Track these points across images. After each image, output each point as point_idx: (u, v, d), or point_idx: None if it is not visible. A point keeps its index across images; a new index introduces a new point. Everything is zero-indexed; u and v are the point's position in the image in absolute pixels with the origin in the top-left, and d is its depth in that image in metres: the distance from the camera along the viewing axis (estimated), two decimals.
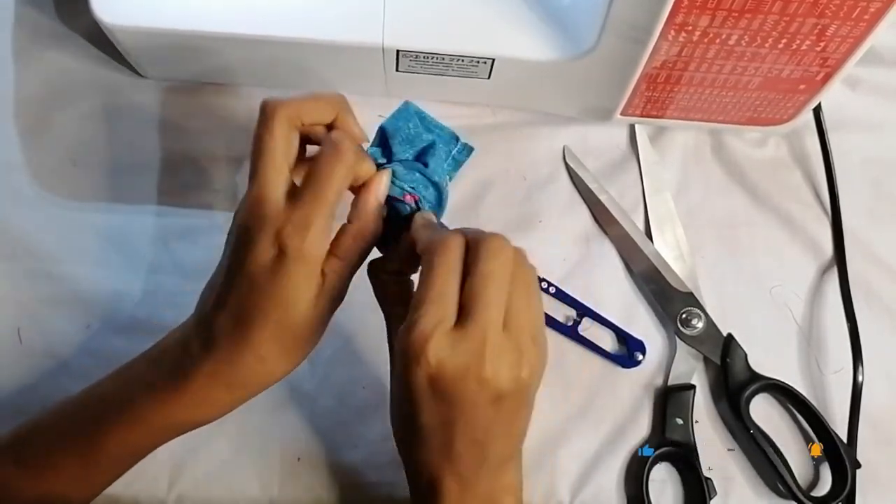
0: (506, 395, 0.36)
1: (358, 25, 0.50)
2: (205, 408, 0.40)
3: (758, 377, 0.51)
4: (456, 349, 0.34)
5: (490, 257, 0.36)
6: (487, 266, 0.35)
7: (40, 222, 0.54)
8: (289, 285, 0.37)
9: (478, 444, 0.37)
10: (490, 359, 0.35)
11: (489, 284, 0.35)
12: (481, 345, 0.35)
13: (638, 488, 0.49)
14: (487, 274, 0.35)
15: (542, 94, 0.56)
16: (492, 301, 0.35)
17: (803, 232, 0.56)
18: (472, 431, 0.37)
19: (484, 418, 0.36)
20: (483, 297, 0.35)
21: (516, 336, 0.36)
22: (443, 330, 0.35)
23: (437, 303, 0.35)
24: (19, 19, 0.58)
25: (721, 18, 0.44)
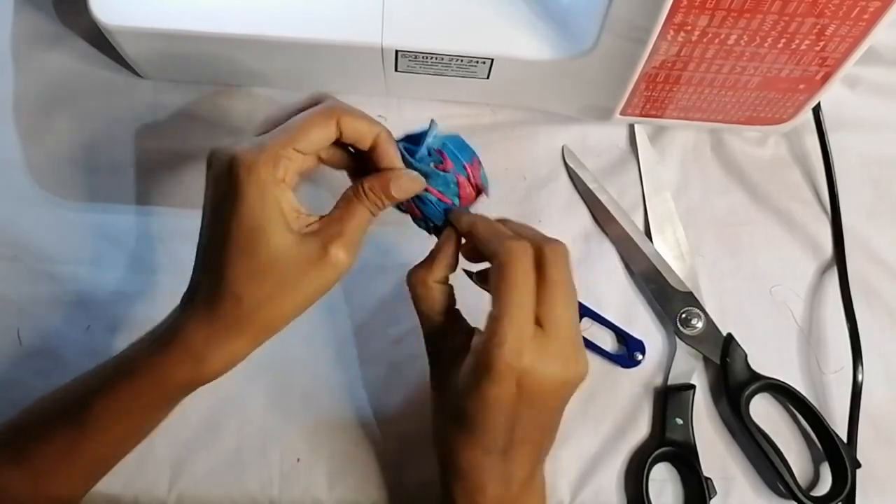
0: (573, 389, 0.38)
1: (357, 25, 0.50)
2: (192, 362, 0.38)
3: (757, 377, 0.51)
4: (544, 358, 0.36)
5: (560, 264, 0.37)
6: (559, 274, 0.37)
7: (40, 222, 0.54)
8: (246, 208, 0.36)
9: (538, 444, 0.40)
10: (572, 363, 0.37)
11: (562, 291, 0.37)
12: (564, 352, 0.37)
13: (638, 488, 0.49)
14: (560, 282, 0.37)
15: (541, 94, 0.56)
16: (567, 306, 0.37)
17: (803, 231, 0.56)
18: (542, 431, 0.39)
19: (556, 417, 0.39)
20: (559, 305, 0.37)
21: (579, 333, 0.38)
22: (529, 339, 0.36)
23: (520, 314, 0.36)
24: (18, 20, 0.58)
25: (720, 18, 0.44)
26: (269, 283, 0.37)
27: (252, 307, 0.37)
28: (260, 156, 0.36)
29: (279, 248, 0.37)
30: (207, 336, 0.38)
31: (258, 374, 0.51)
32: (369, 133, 0.39)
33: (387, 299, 0.53)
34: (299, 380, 0.52)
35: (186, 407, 0.50)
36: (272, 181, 0.36)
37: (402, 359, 0.52)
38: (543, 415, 0.38)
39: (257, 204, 0.36)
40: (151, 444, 0.50)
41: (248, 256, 0.37)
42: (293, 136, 0.37)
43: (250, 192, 0.36)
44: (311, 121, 0.38)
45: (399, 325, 0.53)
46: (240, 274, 0.37)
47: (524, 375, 0.35)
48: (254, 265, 0.37)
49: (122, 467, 0.48)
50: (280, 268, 0.37)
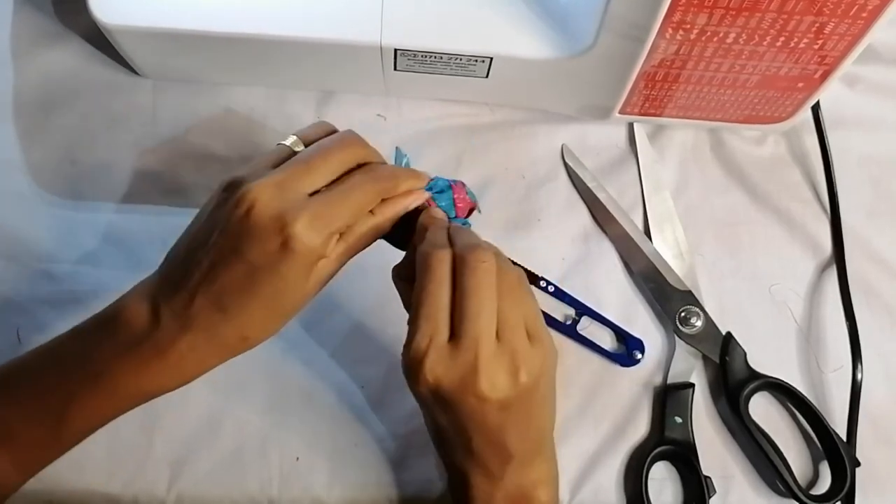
0: (510, 401, 0.37)
1: (356, 25, 0.50)
2: (177, 377, 0.40)
3: (757, 376, 0.51)
4: (450, 365, 0.36)
5: (472, 271, 0.37)
6: (471, 280, 0.36)
7: (39, 222, 0.54)
8: (289, 275, 0.37)
9: (497, 444, 0.39)
10: (484, 372, 0.36)
11: (474, 297, 0.36)
12: (474, 359, 0.36)
13: (637, 487, 0.49)
14: (472, 288, 0.36)
15: (540, 93, 0.56)
16: (479, 313, 0.36)
17: (802, 230, 0.56)
18: (486, 435, 0.38)
19: (494, 424, 0.38)
20: (470, 311, 0.36)
21: (510, 341, 0.37)
22: (436, 347, 0.36)
23: (428, 320, 0.36)
24: (18, 19, 0.58)
25: (719, 16, 0.44)
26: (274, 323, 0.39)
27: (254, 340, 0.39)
28: (319, 239, 0.37)
29: (295, 301, 0.39)
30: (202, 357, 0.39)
31: (258, 374, 0.51)
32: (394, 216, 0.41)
33: (385, 299, 0.53)
34: (298, 380, 0.52)
35: (186, 407, 0.50)
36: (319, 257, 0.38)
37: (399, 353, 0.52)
38: (480, 425, 0.38)
39: (300, 276, 0.37)
40: (151, 444, 0.50)
41: (267, 310, 0.38)
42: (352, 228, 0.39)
43: (299, 269, 0.37)
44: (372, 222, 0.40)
45: (399, 324, 0.53)
46: (254, 321, 0.38)
47: (432, 384, 0.36)
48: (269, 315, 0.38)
49: (121, 467, 0.49)
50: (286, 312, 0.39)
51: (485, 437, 0.38)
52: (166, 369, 0.39)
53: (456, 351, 0.36)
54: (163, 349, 0.38)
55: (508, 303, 0.37)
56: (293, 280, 0.37)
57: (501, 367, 0.36)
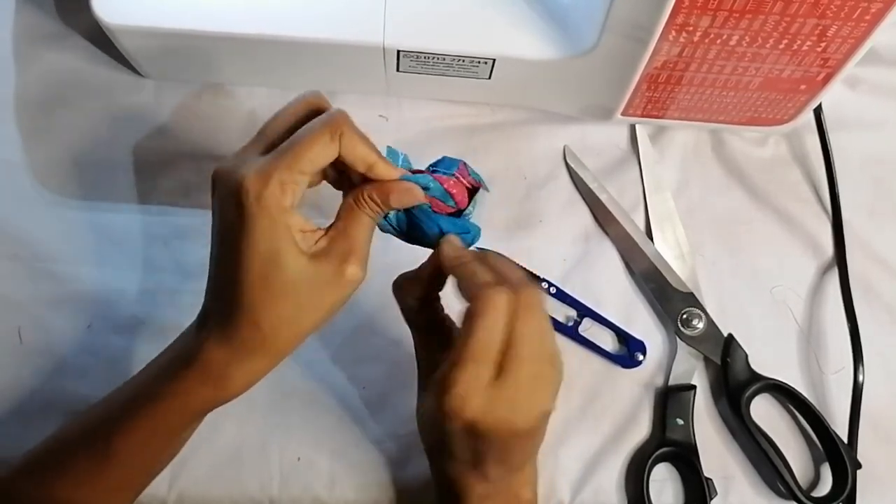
0: (536, 429, 0.38)
1: (358, 25, 0.50)
2: (213, 384, 0.39)
3: (758, 377, 0.51)
4: (493, 405, 0.35)
5: (532, 315, 0.36)
6: (528, 327, 0.36)
7: (40, 222, 0.54)
8: (258, 238, 0.36)
9: (508, 462, 0.39)
10: (524, 409, 0.36)
11: (527, 344, 0.36)
12: (516, 399, 0.36)
13: (638, 488, 0.49)
14: (527, 335, 0.36)
15: (542, 94, 0.56)
16: (529, 358, 0.36)
17: (803, 231, 0.56)
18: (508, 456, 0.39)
19: (516, 448, 0.38)
20: (521, 356, 0.36)
21: (543, 374, 0.37)
22: (481, 386, 0.35)
23: (480, 363, 0.35)
24: (20, 18, 0.58)
25: (722, 19, 0.44)
26: (287, 308, 0.37)
27: (271, 331, 0.38)
28: (267, 184, 0.35)
29: (294, 273, 0.37)
30: (228, 359, 0.38)
31: None
32: (364, 160, 0.38)
33: (387, 299, 0.53)
34: (299, 379, 0.52)
35: None
36: (280, 209, 0.36)
37: (402, 358, 0.52)
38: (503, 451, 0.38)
39: (268, 234, 0.36)
40: None
41: (263, 284, 0.36)
42: (297, 158, 0.36)
43: (260, 222, 0.36)
44: (315, 140, 0.36)
45: (399, 325, 0.53)
46: (257, 302, 0.37)
47: (470, 422, 0.36)
48: (270, 292, 0.37)
49: None
50: (297, 292, 0.37)
51: (499, 456, 0.38)
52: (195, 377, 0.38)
53: (500, 392, 0.35)
54: (189, 353, 0.39)
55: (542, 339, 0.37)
56: (268, 241, 0.36)
57: (536, 401, 0.37)
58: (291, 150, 0.36)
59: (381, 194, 0.39)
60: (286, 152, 0.36)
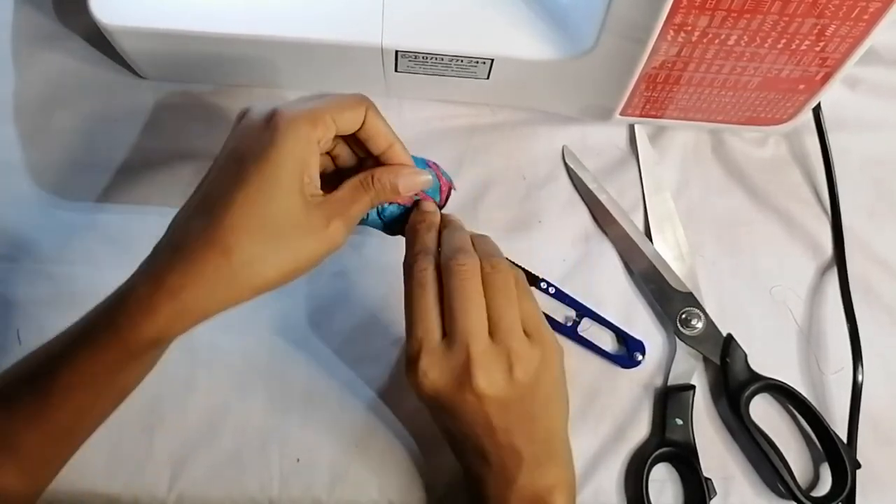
0: (509, 399, 0.37)
1: (357, 26, 0.50)
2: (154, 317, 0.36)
3: (757, 377, 0.51)
4: (444, 366, 0.37)
5: (454, 274, 0.38)
6: (453, 282, 0.38)
7: (39, 223, 0.54)
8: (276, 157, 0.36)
9: (505, 446, 0.39)
10: (478, 369, 0.36)
11: (458, 298, 0.37)
12: (466, 357, 0.36)
13: (638, 488, 0.49)
14: (455, 289, 0.37)
15: (541, 94, 0.56)
16: (466, 312, 0.37)
17: (803, 231, 0.56)
18: (493, 436, 0.38)
19: (499, 425, 0.38)
20: (456, 311, 0.37)
21: (505, 339, 0.37)
22: (427, 350, 0.37)
23: (417, 324, 0.37)
24: (19, 20, 0.58)
25: (720, 18, 0.44)
26: (263, 241, 0.36)
27: (239, 263, 0.36)
28: (302, 113, 0.37)
29: (284, 207, 0.36)
30: (174, 287, 0.36)
31: (258, 374, 0.51)
32: (385, 137, 0.41)
33: (386, 299, 0.53)
34: (299, 380, 0.52)
35: (187, 407, 0.50)
36: (309, 139, 0.37)
37: (402, 358, 0.52)
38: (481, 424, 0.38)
39: (288, 156, 0.36)
40: (151, 444, 0.50)
41: (252, 208, 0.36)
42: (330, 107, 0.38)
43: (286, 142, 0.36)
44: (345, 102, 0.39)
45: (398, 325, 0.53)
46: (238, 225, 0.36)
47: (427, 387, 0.37)
48: (254, 219, 0.36)
49: (121, 467, 0.49)
50: (278, 227, 0.36)
51: (492, 439, 0.38)
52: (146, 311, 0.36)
53: (448, 352, 0.37)
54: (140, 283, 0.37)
55: (501, 302, 0.38)
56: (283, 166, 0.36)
57: (496, 364, 0.37)
58: (324, 102, 0.38)
59: (392, 177, 0.40)
60: (318, 102, 0.38)
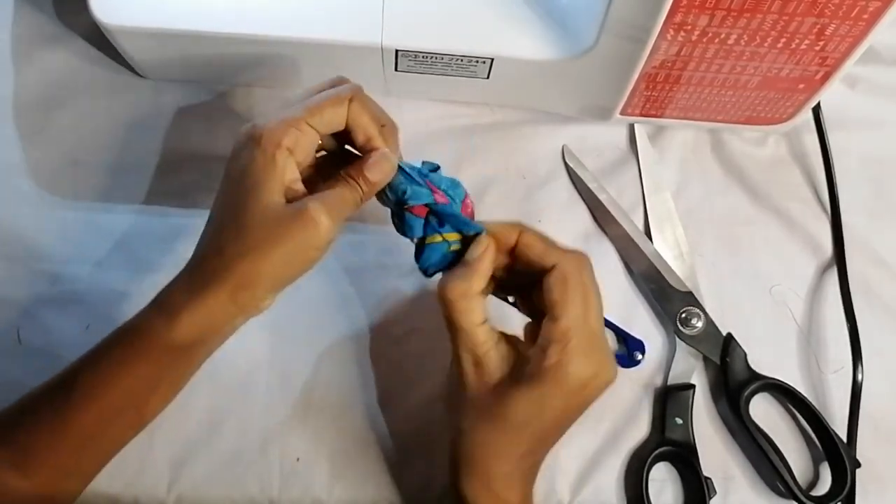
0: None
1: (357, 25, 0.50)
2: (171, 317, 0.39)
3: (757, 376, 0.51)
4: (588, 363, 0.40)
5: (592, 274, 0.41)
6: (595, 284, 0.41)
7: (40, 222, 0.54)
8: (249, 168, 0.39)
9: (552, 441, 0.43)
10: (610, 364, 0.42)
11: (598, 300, 0.41)
12: (603, 355, 0.41)
13: (637, 488, 0.49)
14: (596, 292, 0.41)
15: (541, 94, 0.56)
16: (601, 314, 0.41)
17: (803, 231, 0.56)
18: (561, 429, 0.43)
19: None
20: (597, 312, 0.41)
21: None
22: (586, 346, 0.40)
23: (580, 323, 0.39)
24: (19, 19, 0.58)
25: (720, 18, 0.44)
26: (251, 238, 0.39)
27: (230, 259, 0.39)
28: (272, 125, 0.39)
29: (266, 206, 0.39)
30: (186, 292, 0.40)
31: (258, 373, 0.51)
32: (365, 128, 0.42)
33: (387, 299, 0.53)
34: (299, 379, 0.52)
35: (187, 408, 0.50)
36: (278, 147, 0.39)
37: (402, 358, 0.52)
38: (572, 415, 0.41)
39: (260, 166, 0.39)
40: (151, 445, 0.50)
41: (237, 212, 0.39)
42: (308, 111, 0.40)
43: (258, 155, 0.39)
44: (326, 99, 0.41)
45: (400, 324, 0.53)
46: (226, 228, 0.39)
47: (582, 381, 0.39)
48: (240, 220, 0.39)
49: (121, 467, 0.49)
50: (262, 223, 0.39)
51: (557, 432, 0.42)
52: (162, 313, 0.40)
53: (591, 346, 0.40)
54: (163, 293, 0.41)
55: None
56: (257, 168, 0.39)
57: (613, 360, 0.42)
58: (304, 104, 0.40)
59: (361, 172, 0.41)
60: (299, 105, 0.40)
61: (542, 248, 0.40)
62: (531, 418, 0.39)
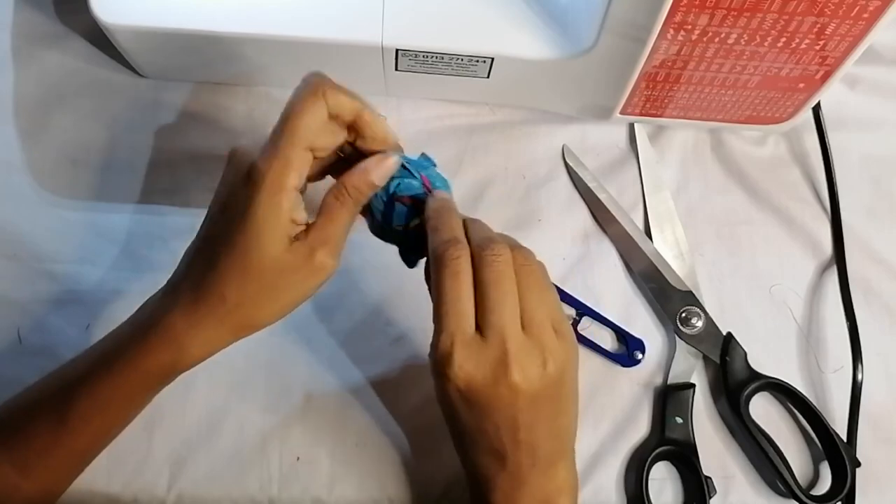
0: (539, 394, 0.37)
1: (357, 24, 0.50)
2: (173, 349, 0.39)
3: (757, 376, 0.51)
4: (479, 359, 0.35)
5: (489, 265, 0.36)
6: (490, 274, 0.36)
7: (40, 222, 0.54)
8: (253, 213, 0.37)
9: (524, 444, 0.38)
10: (515, 362, 0.36)
11: (495, 290, 0.36)
12: (503, 350, 0.35)
13: (638, 487, 0.49)
14: (491, 281, 0.36)
15: (541, 93, 0.56)
16: (503, 305, 0.36)
17: (803, 230, 0.56)
18: (515, 433, 0.38)
19: (524, 420, 0.37)
20: (493, 304, 0.36)
21: (537, 333, 0.37)
22: (462, 342, 0.35)
23: (451, 316, 0.36)
24: (19, 19, 0.58)
25: (720, 17, 0.44)
26: (254, 287, 0.38)
27: (235, 306, 0.39)
28: (273, 162, 0.37)
29: (270, 255, 0.38)
30: (188, 325, 0.39)
31: (257, 373, 0.51)
32: (350, 108, 0.39)
33: (387, 298, 0.53)
34: (298, 379, 0.52)
35: (186, 407, 0.50)
36: (284, 187, 0.37)
37: (401, 357, 0.52)
38: (508, 422, 0.37)
39: (266, 212, 0.37)
40: (151, 444, 0.50)
41: (240, 260, 0.38)
42: (293, 129, 0.37)
43: (262, 199, 0.37)
44: (301, 104, 0.38)
45: (399, 324, 0.53)
46: (228, 276, 0.38)
47: (461, 382, 0.36)
48: (243, 269, 0.38)
49: (121, 466, 0.49)
50: (267, 273, 0.38)
51: (514, 436, 0.38)
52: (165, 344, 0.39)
53: (484, 345, 0.36)
54: (160, 320, 0.39)
55: (533, 296, 0.37)
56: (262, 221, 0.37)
57: (530, 358, 0.36)
58: (287, 123, 0.38)
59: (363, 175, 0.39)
60: (283, 127, 0.38)
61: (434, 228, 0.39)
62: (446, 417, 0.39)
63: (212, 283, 0.38)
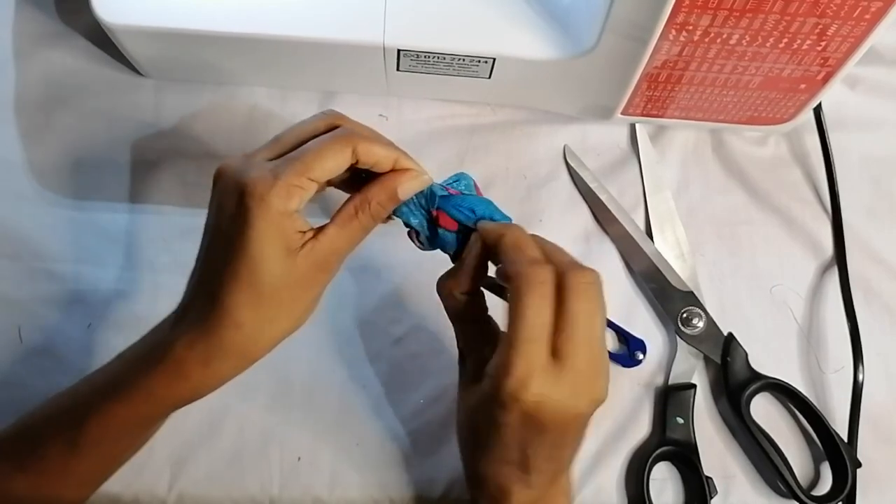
0: (589, 416, 0.37)
1: (359, 25, 0.50)
2: (187, 382, 0.38)
3: (758, 376, 0.51)
4: (555, 389, 0.34)
5: (583, 295, 0.35)
6: (581, 305, 0.35)
7: (40, 222, 0.54)
8: (253, 237, 0.36)
9: (556, 460, 0.38)
10: (586, 393, 0.35)
11: (583, 324, 0.35)
12: (578, 383, 0.35)
13: (639, 487, 0.49)
14: (580, 312, 0.35)
15: (542, 93, 0.56)
16: (587, 340, 0.35)
17: (803, 230, 0.56)
18: (558, 452, 0.38)
19: (568, 440, 0.38)
20: (577, 337, 0.35)
21: (599, 360, 0.36)
22: (542, 369, 0.34)
23: (533, 343, 0.34)
24: (20, 18, 0.58)
25: (722, 18, 0.44)
26: (269, 309, 0.37)
27: (252, 333, 0.37)
28: (273, 187, 0.35)
29: (280, 277, 0.37)
30: (203, 358, 0.38)
31: (258, 373, 0.51)
32: (388, 158, 0.38)
33: (388, 298, 0.53)
34: (299, 379, 0.52)
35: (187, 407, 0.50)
36: (282, 214, 0.36)
37: (403, 357, 0.52)
38: (557, 443, 0.37)
39: (266, 237, 0.36)
40: (151, 444, 0.49)
41: (249, 286, 0.36)
42: (308, 166, 0.36)
43: (259, 224, 0.35)
44: (327, 149, 0.37)
45: (400, 323, 0.53)
46: (241, 302, 0.37)
47: (532, 407, 0.34)
48: (255, 294, 0.37)
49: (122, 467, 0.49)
50: (279, 294, 0.37)
51: (550, 453, 0.37)
52: (170, 372, 0.38)
53: (560, 375, 0.34)
54: (164, 348, 0.38)
55: (602, 322, 0.36)
56: (264, 244, 0.36)
57: (595, 384, 0.36)
58: (303, 158, 0.36)
59: (387, 190, 0.39)
60: (298, 159, 0.36)
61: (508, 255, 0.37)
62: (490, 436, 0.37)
63: (223, 312, 0.37)
